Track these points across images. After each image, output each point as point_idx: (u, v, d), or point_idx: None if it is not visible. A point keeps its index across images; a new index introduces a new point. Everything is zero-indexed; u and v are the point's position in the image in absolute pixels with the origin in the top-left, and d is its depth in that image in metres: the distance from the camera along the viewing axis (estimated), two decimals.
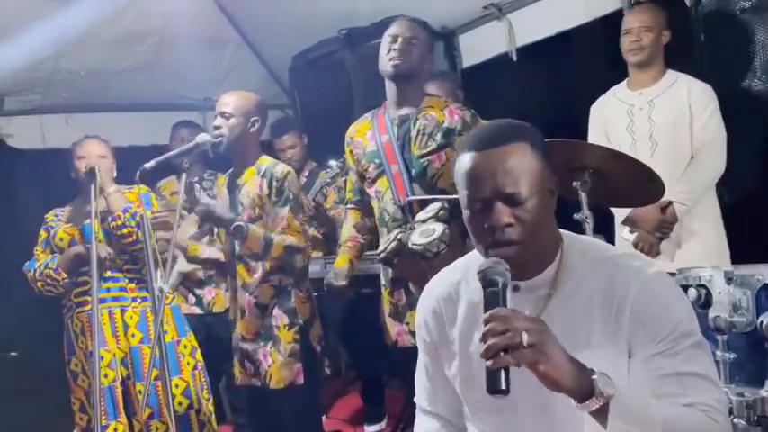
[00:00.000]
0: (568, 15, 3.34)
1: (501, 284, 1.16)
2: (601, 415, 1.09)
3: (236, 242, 2.51)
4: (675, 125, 2.61)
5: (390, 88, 2.49)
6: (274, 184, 2.49)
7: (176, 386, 2.78)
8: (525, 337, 1.05)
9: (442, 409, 1.50)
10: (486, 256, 1.25)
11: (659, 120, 2.63)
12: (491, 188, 1.22)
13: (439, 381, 1.48)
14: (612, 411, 1.08)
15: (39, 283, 2.83)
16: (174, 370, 2.76)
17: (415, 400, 1.56)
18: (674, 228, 2.58)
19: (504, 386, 1.05)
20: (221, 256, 2.81)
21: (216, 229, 3.08)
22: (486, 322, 1.08)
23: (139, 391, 2.73)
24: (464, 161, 1.26)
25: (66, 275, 2.77)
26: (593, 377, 1.09)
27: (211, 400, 2.96)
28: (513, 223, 1.21)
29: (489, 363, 1.06)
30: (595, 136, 2.77)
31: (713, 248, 2.59)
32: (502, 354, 1.05)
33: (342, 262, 2.60)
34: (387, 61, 2.43)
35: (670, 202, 2.52)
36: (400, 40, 2.41)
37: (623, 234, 2.66)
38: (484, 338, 1.07)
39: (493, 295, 1.15)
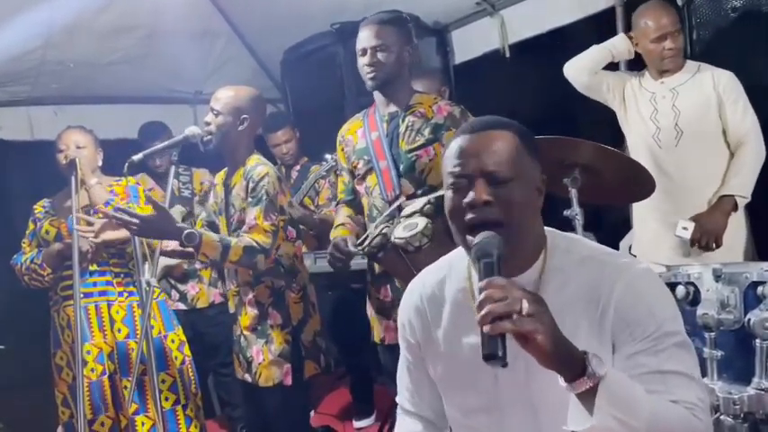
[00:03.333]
0: (561, 12, 3.34)
1: (496, 256, 1.15)
2: (588, 399, 1.07)
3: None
4: (702, 113, 2.57)
5: (376, 93, 2.49)
6: (250, 185, 2.42)
7: (163, 381, 2.76)
8: (525, 306, 1.04)
9: (426, 410, 1.49)
10: (464, 242, 1.25)
11: (684, 108, 2.60)
12: (475, 165, 1.24)
13: (422, 381, 1.47)
14: (601, 393, 1.05)
15: (26, 277, 2.81)
16: (160, 365, 2.74)
17: (396, 399, 1.54)
18: None
19: (501, 353, 1.03)
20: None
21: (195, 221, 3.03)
22: (483, 290, 1.06)
23: (125, 387, 2.69)
24: (454, 144, 1.30)
25: (50, 271, 2.75)
26: (586, 356, 1.07)
27: (199, 396, 2.94)
28: (492, 202, 1.22)
29: (487, 328, 1.03)
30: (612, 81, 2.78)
31: (744, 238, 2.61)
32: (499, 321, 1.03)
33: (343, 233, 2.53)
34: (363, 75, 2.42)
35: (731, 196, 2.50)
36: (369, 51, 2.38)
37: (678, 232, 2.54)
38: (480, 306, 1.05)
39: (488, 266, 1.14)
